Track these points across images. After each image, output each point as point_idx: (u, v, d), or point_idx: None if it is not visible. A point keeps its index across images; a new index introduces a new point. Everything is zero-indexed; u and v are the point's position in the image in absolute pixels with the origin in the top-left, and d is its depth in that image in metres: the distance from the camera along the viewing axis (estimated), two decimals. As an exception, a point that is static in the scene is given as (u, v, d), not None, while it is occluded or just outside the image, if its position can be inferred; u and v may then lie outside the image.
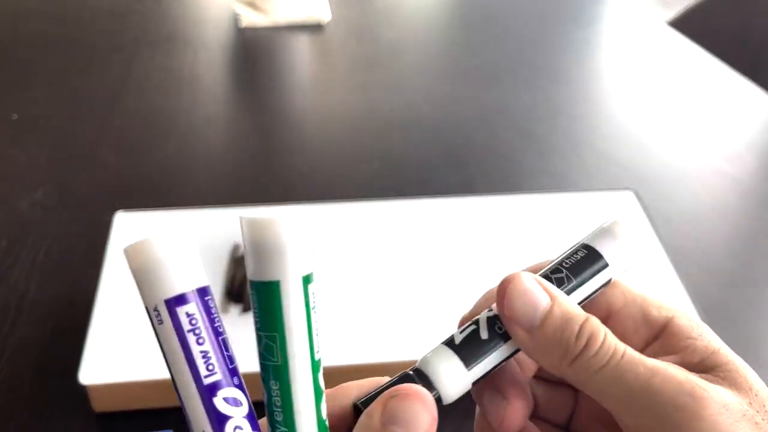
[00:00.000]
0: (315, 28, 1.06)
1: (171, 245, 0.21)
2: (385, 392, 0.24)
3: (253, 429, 0.22)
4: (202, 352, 0.21)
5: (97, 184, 0.72)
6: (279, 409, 0.22)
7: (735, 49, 1.09)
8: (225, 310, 0.53)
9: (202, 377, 0.21)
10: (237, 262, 0.57)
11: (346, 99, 0.92)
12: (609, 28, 1.16)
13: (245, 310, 0.53)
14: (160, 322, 0.21)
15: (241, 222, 0.21)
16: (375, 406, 0.24)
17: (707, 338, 0.26)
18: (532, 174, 0.75)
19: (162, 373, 0.48)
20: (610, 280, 0.27)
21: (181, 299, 0.21)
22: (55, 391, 0.51)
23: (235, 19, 1.07)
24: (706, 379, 0.25)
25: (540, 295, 0.25)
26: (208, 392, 0.21)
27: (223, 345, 0.22)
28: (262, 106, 0.89)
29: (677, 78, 0.98)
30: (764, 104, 0.91)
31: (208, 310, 0.21)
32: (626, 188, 0.67)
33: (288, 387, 0.22)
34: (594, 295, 0.27)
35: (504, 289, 0.26)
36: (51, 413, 0.49)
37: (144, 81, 0.92)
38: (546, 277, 0.27)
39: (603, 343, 0.25)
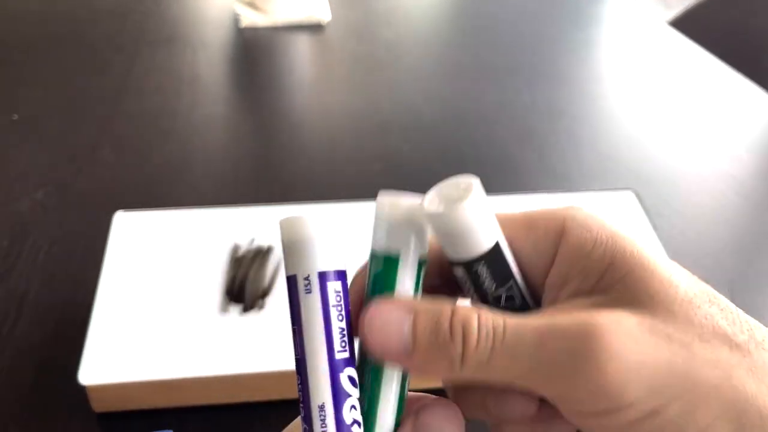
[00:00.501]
0: (315, 29, 1.06)
1: (325, 228, 0.23)
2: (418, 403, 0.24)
3: (360, 414, 0.23)
4: (340, 328, 0.22)
5: (97, 185, 0.72)
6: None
7: (736, 49, 1.09)
8: (225, 310, 0.53)
9: (336, 351, 0.22)
10: (237, 262, 0.57)
11: (346, 99, 0.92)
12: (609, 28, 1.16)
13: (245, 310, 0.53)
14: (309, 291, 0.22)
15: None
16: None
17: (601, 248, 0.23)
18: (532, 174, 0.75)
19: (162, 373, 0.48)
20: (421, 262, 0.25)
21: (333, 275, 0.22)
22: (55, 391, 0.51)
23: (235, 19, 1.07)
24: (601, 306, 0.22)
25: (399, 314, 0.23)
26: (337, 367, 0.22)
27: (351, 329, 0.23)
28: (262, 106, 0.89)
29: (678, 78, 0.98)
30: (765, 104, 0.91)
31: (346, 293, 0.23)
32: (626, 188, 0.67)
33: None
34: (421, 279, 0.25)
35: (363, 329, 0.23)
36: (51, 413, 0.49)
37: (144, 81, 0.92)
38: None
39: (480, 328, 0.22)
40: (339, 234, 0.23)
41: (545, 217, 0.25)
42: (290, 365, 0.48)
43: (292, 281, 0.22)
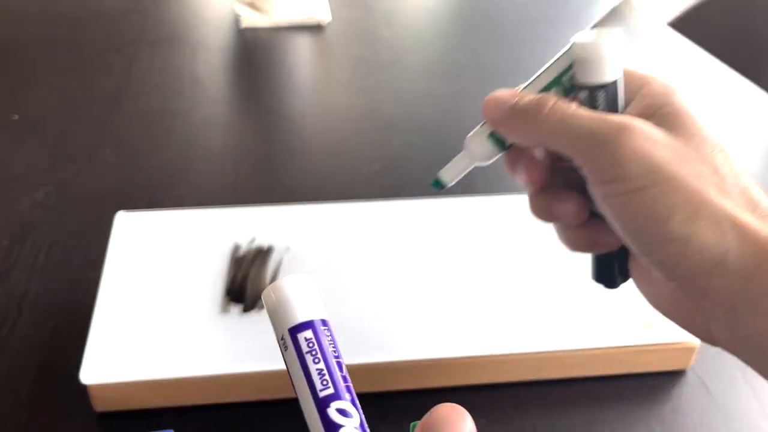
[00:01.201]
0: (315, 29, 1.06)
1: (295, 285, 0.26)
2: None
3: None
4: (318, 369, 0.26)
5: (98, 185, 0.72)
6: None
7: (735, 49, 1.09)
8: (225, 309, 0.53)
9: (318, 391, 0.26)
10: (237, 262, 0.57)
11: (346, 100, 0.92)
12: (609, 28, 1.16)
13: (245, 310, 0.53)
14: (286, 348, 0.26)
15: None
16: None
17: (663, 87, 0.34)
18: (532, 174, 0.75)
19: (163, 373, 0.48)
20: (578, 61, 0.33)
21: (302, 327, 0.26)
22: (56, 390, 0.51)
23: (236, 19, 1.07)
24: (644, 120, 0.32)
25: (506, 96, 0.36)
26: (323, 404, 0.26)
27: (338, 366, 0.26)
28: (262, 106, 0.89)
29: (677, 78, 0.98)
30: (765, 105, 0.91)
31: (325, 336, 0.26)
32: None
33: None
34: (566, 75, 0.35)
35: (484, 102, 0.36)
36: (52, 413, 0.49)
37: (144, 81, 0.92)
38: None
39: (555, 102, 0.33)
40: (308, 289, 0.27)
41: (638, 75, 0.36)
42: (291, 365, 0.48)
43: (278, 342, 0.26)
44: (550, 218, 0.37)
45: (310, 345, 0.26)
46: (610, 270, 0.38)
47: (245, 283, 0.55)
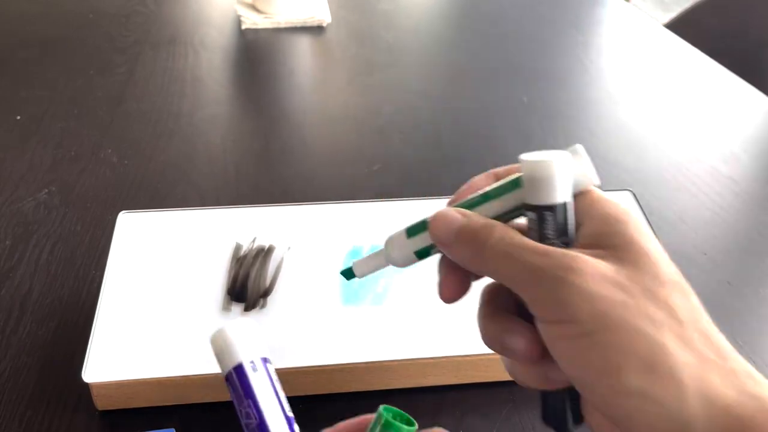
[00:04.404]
0: (316, 30, 1.07)
1: (245, 332, 0.31)
2: None
3: None
4: (282, 395, 0.30)
5: (100, 185, 0.73)
6: None
7: (732, 51, 1.09)
8: (227, 308, 0.54)
9: (286, 411, 0.29)
10: (239, 261, 0.58)
11: (346, 100, 0.92)
12: (607, 30, 1.17)
13: (246, 309, 0.54)
14: (255, 369, 0.29)
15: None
16: None
17: (615, 213, 0.31)
18: (531, 175, 0.76)
19: (165, 372, 0.49)
20: (536, 207, 0.31)
21: (267, 359, 0.30)
22: (59, 389, 0.51)
23: (237, 21, 1.07)
24: (592, 254, 0.30)
25: (455, 215, 0.33)
26: (291, 423, 0.29)
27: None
28: (263, 107, 0.90)
29: (675, 80, 0.98)
30: (761, 105, 0.92)
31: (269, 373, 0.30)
32: (624, 189, 0.67)
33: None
34: (511, 215, 0.33)
35: (431, 221, 0.33)
36: (54, 411, 0.50)
37: (146, 82, 0.92)
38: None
39: (502, 231, 0.31)
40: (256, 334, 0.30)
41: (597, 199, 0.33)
42: (290, 363, 0.48)
43: (238, 370, 0.29)
44: (501, 351, 0.33)
45: (274, 374, 0.30)
46: (562, 411, 0.32)
47: (246, 282, 0.56)
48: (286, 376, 0.52)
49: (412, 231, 0.35)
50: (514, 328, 0.32)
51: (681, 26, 1.14)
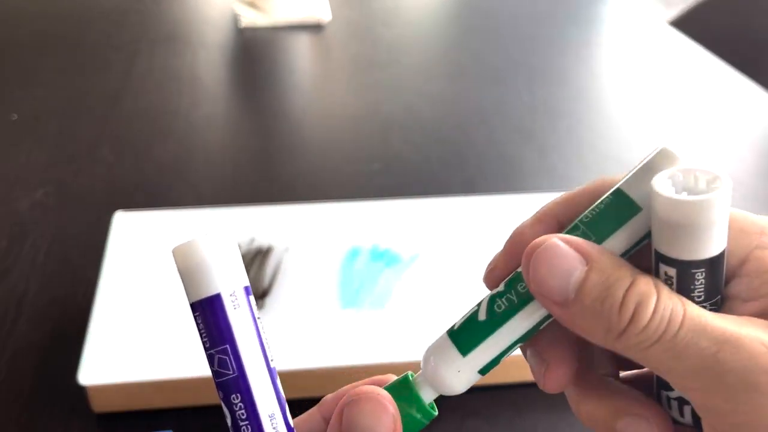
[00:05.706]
0: (315, 28, 1.06)
1: (225, 247, 0.22)
2: (343, 399, 0.24)
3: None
4: (265, 338, 0.23)
5: (97, 184, 0.72)
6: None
7: (736, 48, 1.09)
8: (224, 310, 0.53)
9: (269, 361, 0.23)
10: (237, 262, 0.57)
11: (345, 99, 0.92)
12: (610, 27, 1.16)
13: (245, 310, 0.53)
14: (237, 306, 0.22)
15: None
16: (335, 417, 0.23)
17: None
18: (532, 174, 0.75)
19: (162, 374, 0.48)
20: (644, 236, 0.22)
21: (249, 288, 0.22)
22: (55, 391, 0.51)
23: (235, 18, 1.07)
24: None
25: (572, 259, 0.21)
26: (274, 376, 0.22)
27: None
28: (261, 105, 0.89)
29: (678, 77, 0.98)
30: (766, 104, 0.91)
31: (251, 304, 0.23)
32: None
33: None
34: (639, 246, 0.22)
35: (529, 258, 0.22)
36: (50, 414, 0.49)
37: (144, 81, 0.92)
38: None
39: (654, 313, 0.20)
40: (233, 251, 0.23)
41: (744, 222, 0.23)
42: (289, 365, 0.48)
43: (215, 301, 0.22)
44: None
45: (257, 310, 0.23)
46: None
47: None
48: (284, 378, 0.51)
49: (465, 344, 0.25)
50: (638, 411, 0.23)
51: (685, 23, 1.14)
